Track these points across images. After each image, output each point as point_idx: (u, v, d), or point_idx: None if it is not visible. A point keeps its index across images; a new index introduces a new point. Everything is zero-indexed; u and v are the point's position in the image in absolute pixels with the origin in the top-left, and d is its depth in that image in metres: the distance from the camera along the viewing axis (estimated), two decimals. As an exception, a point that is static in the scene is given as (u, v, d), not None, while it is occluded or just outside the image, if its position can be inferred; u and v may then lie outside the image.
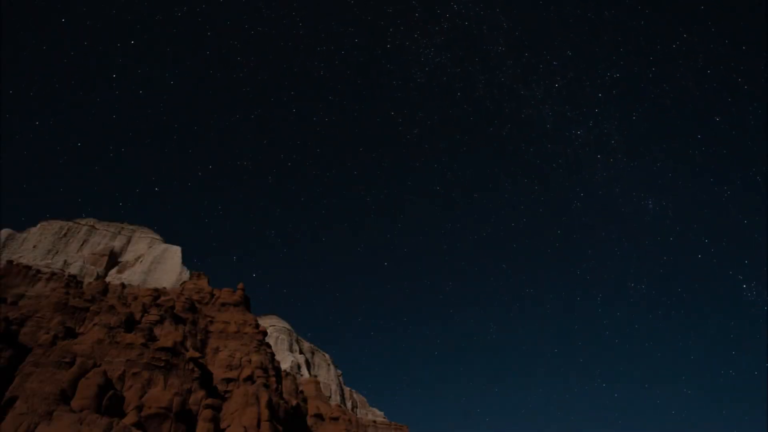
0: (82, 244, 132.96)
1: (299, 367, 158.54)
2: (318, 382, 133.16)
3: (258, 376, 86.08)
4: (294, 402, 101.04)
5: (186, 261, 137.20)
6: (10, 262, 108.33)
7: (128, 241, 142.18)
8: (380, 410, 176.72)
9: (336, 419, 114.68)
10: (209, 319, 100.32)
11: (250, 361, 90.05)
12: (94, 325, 77.91)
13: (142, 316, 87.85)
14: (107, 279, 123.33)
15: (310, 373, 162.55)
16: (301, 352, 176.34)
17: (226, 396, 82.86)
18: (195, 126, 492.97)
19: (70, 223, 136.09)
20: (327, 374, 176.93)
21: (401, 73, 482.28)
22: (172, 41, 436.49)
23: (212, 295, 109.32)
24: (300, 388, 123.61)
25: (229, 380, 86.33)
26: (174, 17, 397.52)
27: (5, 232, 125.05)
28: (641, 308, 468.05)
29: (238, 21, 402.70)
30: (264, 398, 78.91)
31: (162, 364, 73.88)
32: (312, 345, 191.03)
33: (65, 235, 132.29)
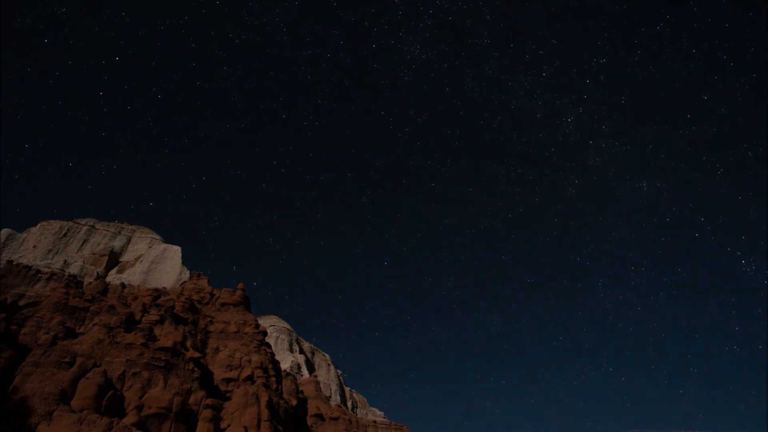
0: (82, 244, 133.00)
1: (299, 367, 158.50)
2: (318, 382, 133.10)
3: (258, 376, 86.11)
4: (294, 402, 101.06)
5: (186, 262, 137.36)
6: (10, 262, 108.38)
7: (128, 241, 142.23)
8: (380, 410, 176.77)
9: (336, 419, 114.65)
10: (209, 319, 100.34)
11: (250, 361, 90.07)
12: (94, 325, 77.91)
13: (142, 316, 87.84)
14: (107, 279, 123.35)
15: (310, 373, 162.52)
16: (301, 352, 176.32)
17: (226, 396, 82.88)
18: (186, 138, 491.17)
19: (70, 223, 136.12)
20: (327, 374, 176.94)
21: (388, 73, 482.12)
22: (157, 55, 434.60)
23: (212, 295, 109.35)
24: (300, 388, 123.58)
25: (229, 380, 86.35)
26: (157, 30, 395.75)
27: (5, 232, 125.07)
28: (643, 290, 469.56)
29: (221, 30, 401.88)
30: (264, 398, 78.92)
31: (162, 364, 73.89)
32: (312, 345, 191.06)
33: (65, 235, 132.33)
